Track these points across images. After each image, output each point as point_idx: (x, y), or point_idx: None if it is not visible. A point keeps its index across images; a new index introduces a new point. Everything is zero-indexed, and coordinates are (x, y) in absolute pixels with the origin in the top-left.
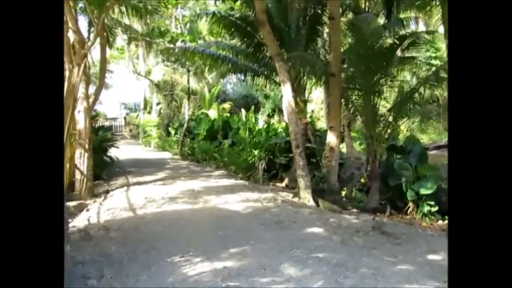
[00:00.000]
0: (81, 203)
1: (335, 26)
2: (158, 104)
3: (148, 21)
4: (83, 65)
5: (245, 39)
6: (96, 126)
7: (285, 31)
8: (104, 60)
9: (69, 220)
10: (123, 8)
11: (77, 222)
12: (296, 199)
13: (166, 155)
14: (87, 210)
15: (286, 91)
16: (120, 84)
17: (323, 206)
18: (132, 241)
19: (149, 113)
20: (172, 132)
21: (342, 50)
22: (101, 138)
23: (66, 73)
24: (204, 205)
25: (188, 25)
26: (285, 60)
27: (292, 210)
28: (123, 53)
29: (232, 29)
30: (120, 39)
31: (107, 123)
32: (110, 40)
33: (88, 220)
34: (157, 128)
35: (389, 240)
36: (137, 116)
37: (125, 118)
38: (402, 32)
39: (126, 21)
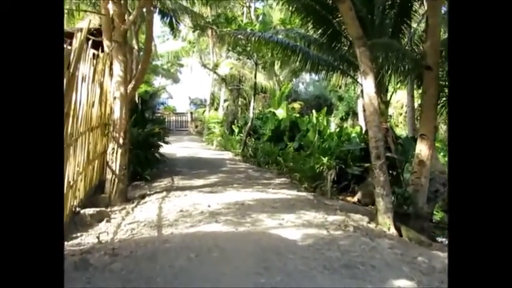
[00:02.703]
0: (102, 211)
1: (435, 6)
2: (226, 100)
3: (219, 10)
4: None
5: (319, 26)
6: (149, 118)
7: (367, 18)
8: (149, 40)
9: (78, 234)
10: None
11: (86, 239)
12: (373, 225)
13: (227, 155)
14: (107, 221)
15: (368, 85)
16: (192, 79)
17: (407, 236)
18: (137, 279)
19: (216, 109)
20: (236, 130)
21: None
22: (147, 133)
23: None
24: (250, 227)
25: (261, 17)
26: (367, 47)
27: (369, 243)
28: (194, 47)
29: (305, 13)
30: (191, 33)
31: (173, 118)
32: (175, 27)
33: (98, 238)
34: (220, 125)
35: None
36: (203, 112)
37: (191, 113)
38: None
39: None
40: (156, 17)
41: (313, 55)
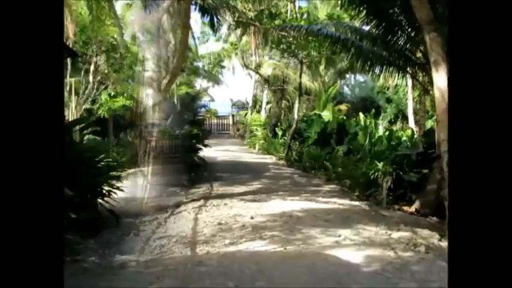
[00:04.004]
0: (130, 223)
1: None
2: (269, 102)
3: (262, 7)
4: None
5: (373, 17)
6: (187, 119)
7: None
8: (185, 30)
9: (102, 251)
10: None
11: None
12: (446, 243)
13: (270, 159)
14: (135, 235)
15: (440, 77)
16: (234, 81)
17: None
18: None
19: (258, 112)
20: (280, 133)
21: None
22: (184, 134)
23: None
24: (302, 246)
25: (305, 15)
26: (439, 32)
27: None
28: (237, 49)
29: (357, 2)
30: (232, 34)
31: (215, 121)
32: (215, 25)
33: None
34: (263, 128)
35: None
36: (245, 115)
37: (233, 116)
38: None
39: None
40: (196, 15)
41: (366, 49)
